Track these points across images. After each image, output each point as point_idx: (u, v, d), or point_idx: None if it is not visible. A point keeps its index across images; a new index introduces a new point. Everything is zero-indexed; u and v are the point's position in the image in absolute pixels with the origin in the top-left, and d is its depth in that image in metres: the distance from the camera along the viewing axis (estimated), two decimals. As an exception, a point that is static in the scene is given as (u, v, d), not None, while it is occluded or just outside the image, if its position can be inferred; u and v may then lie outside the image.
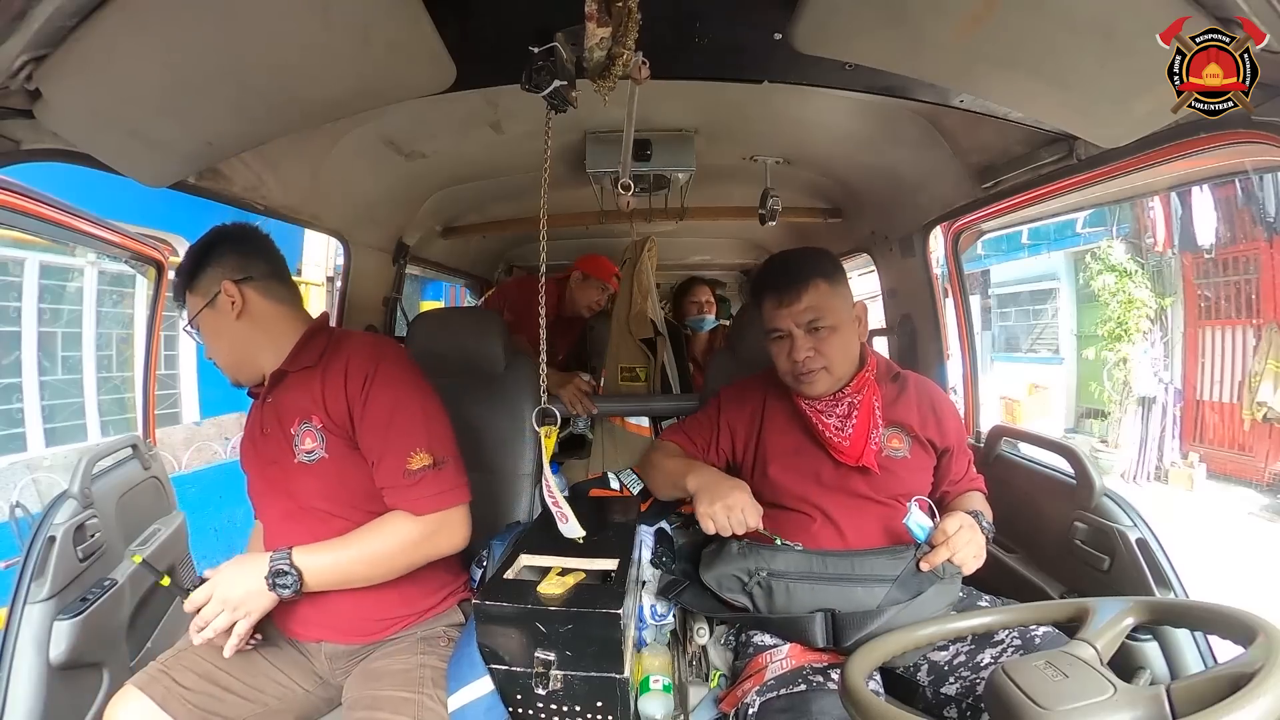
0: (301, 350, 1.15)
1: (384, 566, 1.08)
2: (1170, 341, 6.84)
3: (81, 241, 1.44)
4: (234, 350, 1.17)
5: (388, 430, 1.08)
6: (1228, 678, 0.60)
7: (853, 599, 1.11)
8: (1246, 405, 6.00)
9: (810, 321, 1.24)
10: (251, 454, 1.21)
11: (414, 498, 1.07)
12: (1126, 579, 1.15)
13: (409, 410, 1.10)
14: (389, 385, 1.10)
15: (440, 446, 1.10)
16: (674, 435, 1.45)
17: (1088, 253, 7.14)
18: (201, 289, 1.15)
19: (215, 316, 1.14)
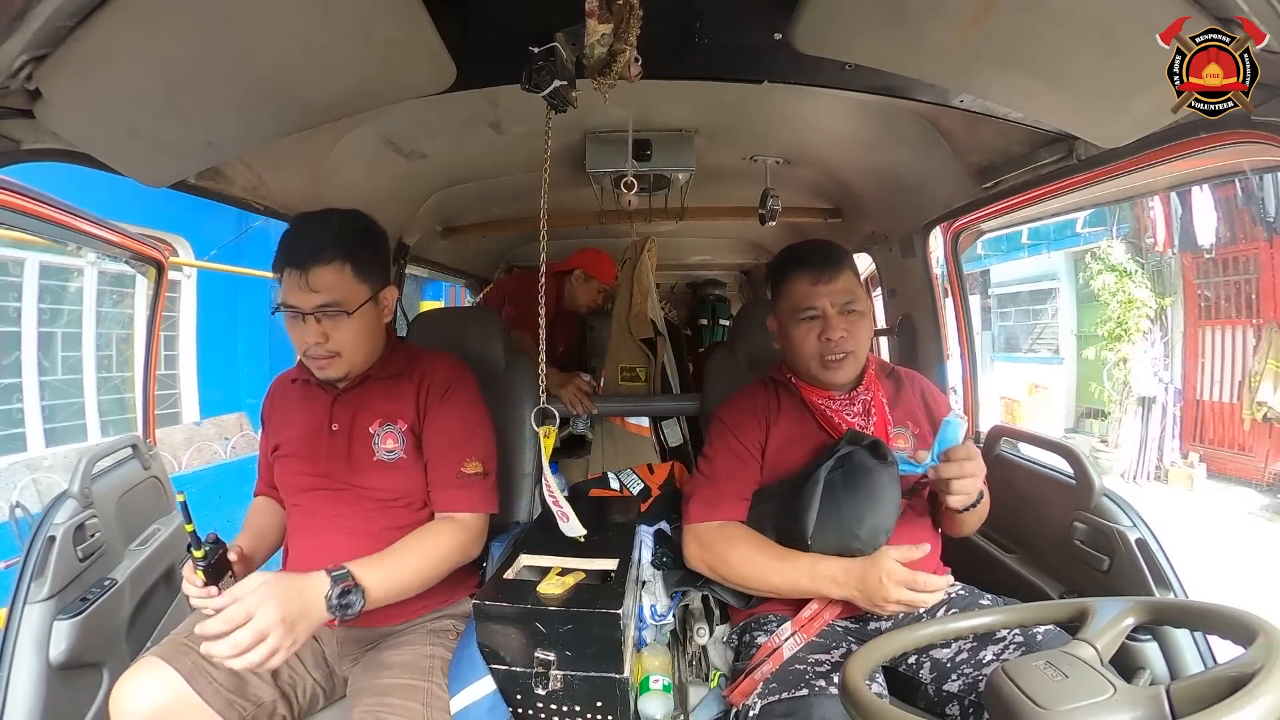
0: (389, 360, 1.24)
1: (431, 574, 1.11)
2: (1170, 341, 6.84)
3: (81, 241, 1.44)
4: (367, 351, 1.19)
5: (453, 435, 1.20)
6: (1228, 678, 0.60)
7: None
8: (1246, 405, 6.00)
9: (846, 303, 1.23)
10: (303, 445, 1.22)
11: (461, 497, 1.18)
12: (1126, 579, 1.15)
13: (475, 423, 1.24)
14: (463, 398, 1.23)
15: (489, 461, 1.22)
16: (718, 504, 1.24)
17: (1088, 253, 7.15)
18: (372, 281, 1.16)
19: (374, 314, 1.18)
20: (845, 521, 1.11)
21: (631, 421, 2.20)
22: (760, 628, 1.21)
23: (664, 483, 1.90)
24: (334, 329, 1.11)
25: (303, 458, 1.21)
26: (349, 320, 1.12)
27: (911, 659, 1.15)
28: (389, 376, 1.22)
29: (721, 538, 1.21)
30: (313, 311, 1.10)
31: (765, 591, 1.19)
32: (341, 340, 1.13)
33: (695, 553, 1.24)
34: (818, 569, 1.11)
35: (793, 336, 1.26)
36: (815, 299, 1.23)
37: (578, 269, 2.49)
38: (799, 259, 1.27)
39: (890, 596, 1.05)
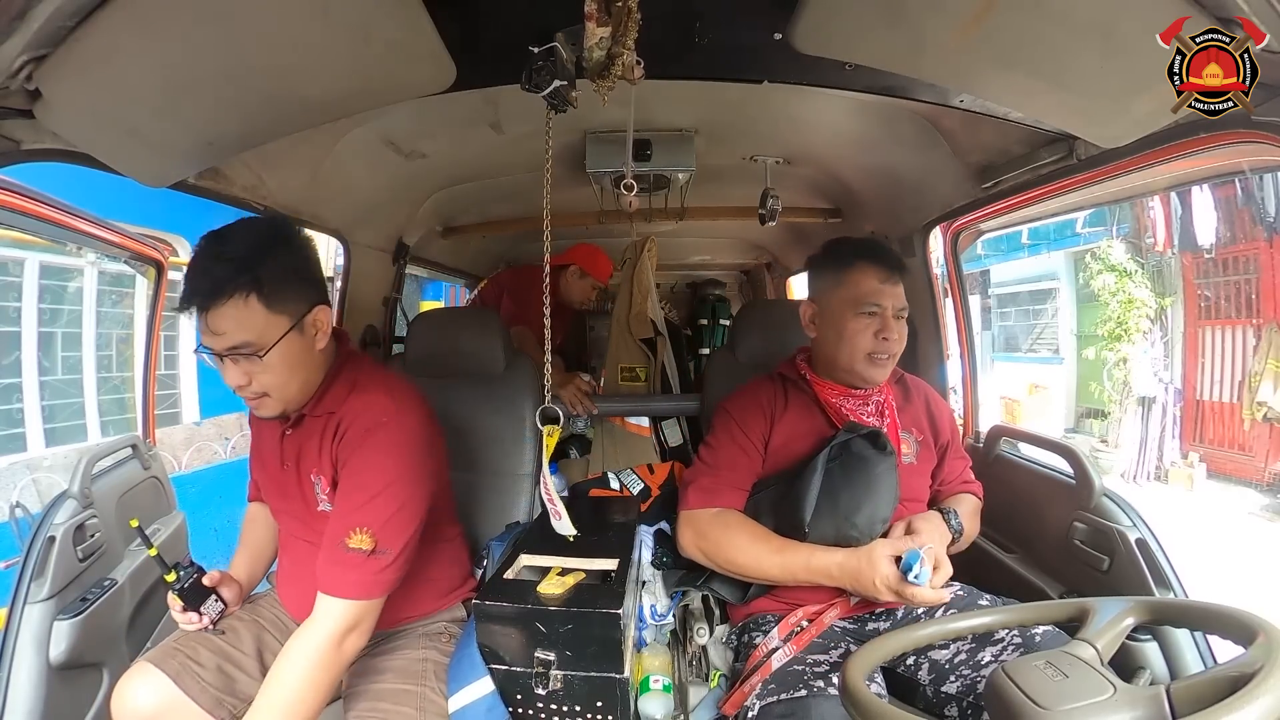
0: (325, 394, 1.07)
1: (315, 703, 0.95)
2: (1170, 341, 6.84)
3: (81, 241, 1.44)
4: (300, 385, 1.04)
5: (348, 498, 1.00)
6: (1228, 678, 0.60)
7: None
8: (1246, 405, 6.00)
9: (901, 308, 1.23)
10: (266, 477, 1.18)
11: (332, 576, 0.97)
12: (1126, 579, 1.15)
13: (377, 491, 0.99)
14: (371, 455, 1.01)
15: (390, 537, 0.99)
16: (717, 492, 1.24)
17: (1088, 253, 7.15)
18: (291, 306, 0.98)
19: (300, 343, 1.00)
20: (842, 510, 1.12)
21: (631, 421, 2.20)
22: (758, 628, 1.22)
23: (664, 483, 1.89)
24: (254, 369, 0.97)
25: (267, 488, 1.19)
26: (268, 359, 0.97)
27: (910, 660, 1.15)
28: (324, 414, 1.06)
29: (718, 524, 1.21)
30: (225, 354, 0.96)
31: (761, 580, 1.19)
32: (266, 381, 0.99)
33: (690, 539, 1.23)
34: (814, 560, 1.11)
35: (846, 328, 1.22)
36: (881, 297, 1.21)
37: (574, 264, 2.49)
38: (871, 253, 1.24)
39: (883, 598, 1.06)
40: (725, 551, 1.19)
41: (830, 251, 1.29)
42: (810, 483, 1.13)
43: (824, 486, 1.13)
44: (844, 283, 1.23)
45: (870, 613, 1.23)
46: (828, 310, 1.26)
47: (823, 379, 1.30)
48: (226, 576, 1.16)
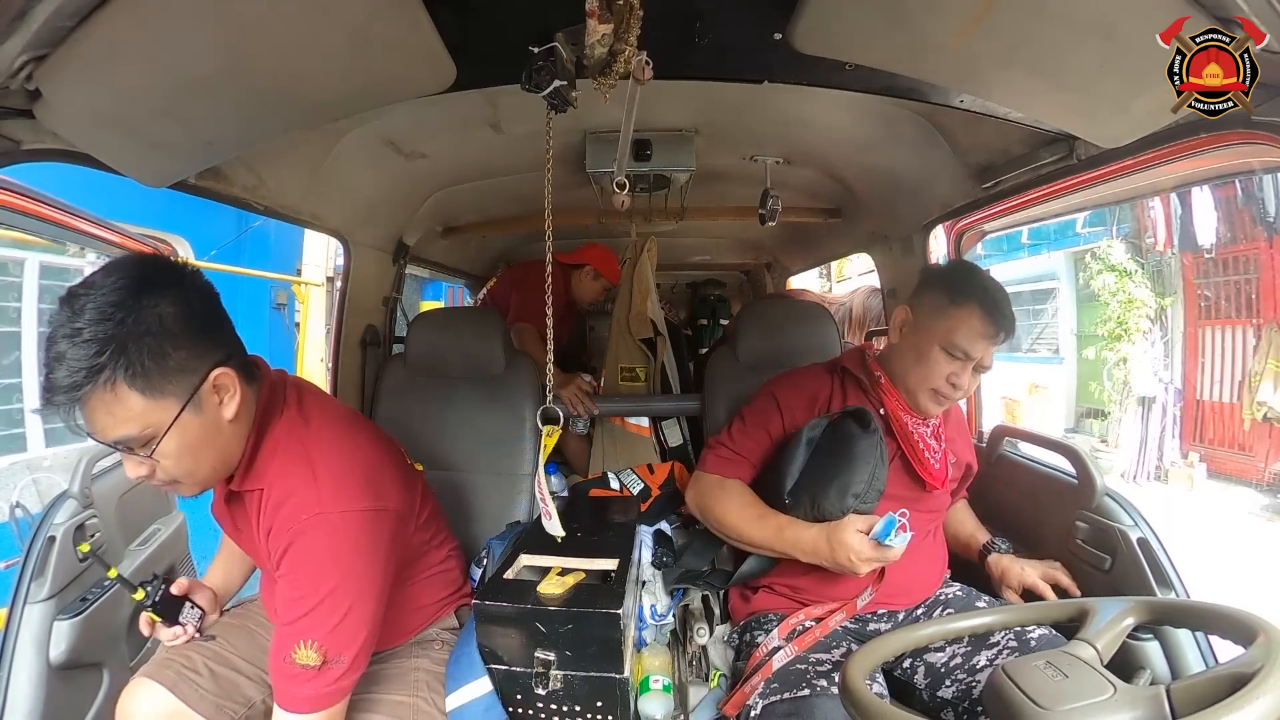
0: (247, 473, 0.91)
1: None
2: (1170, 341, 6.84)
3: (81, 241, 1.44)
4: (214, 462, 0.88)
5: (287, 608, 0.88)
6: (1228, 678, 0.60)
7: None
8: (1246, 405, 6.00)
9: (987, 366, 1.22)
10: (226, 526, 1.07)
11: (286, 690, 0.88)
12: (1128, 579, 1.15)
13: (320, 599, 0.86)
14: (306, 561, 0.87)
15: (340, 644, 0.87)
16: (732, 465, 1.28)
17: (1088, 252, 7.15)
18: (172, 384, 0.79)
19: (201, 422, 0.83)
20: (820, 483, 1.14)
21: (631, 421, 2.19)
22: (760, 627, 1.22)
23: (664, 483, 1.90)
24: (154, 459, 0.82)
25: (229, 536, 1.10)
26: (163, 449, 0.81)
27: (906, 663, 1.16)
28: (255, 489, 0.92)
29: (719, 488, 1.28)
30: (114, 446, 0.81)
31: (743, 541, 1.23)
32: (170, 469, 0.84)
33: (693, 495, 1.32)
34: (785, 532, 1.15)
35: (928, 357, 1.19)
36: (975, 349, 1.17)
37: (588, 265, 2.50)
38: (990, 303, 1.17)
39: (859, 571, 1.06)
40: (715, 511, 1.26)
41: (952, 276, 1.24)
42: (793, 455, 1.18)
43: (809, 462, 1.17)
44: (950, 315, 1.18)
45: (873, 613, 1.23)
46: (921, 330, 1.22)
47: (895, 389, 1.27)
48: (196, 583, 1.14)
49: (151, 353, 0.76)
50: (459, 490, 1.66)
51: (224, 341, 0.86)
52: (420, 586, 1.14)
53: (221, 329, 0.87)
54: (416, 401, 1.76)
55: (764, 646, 1.14)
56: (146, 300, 0.77)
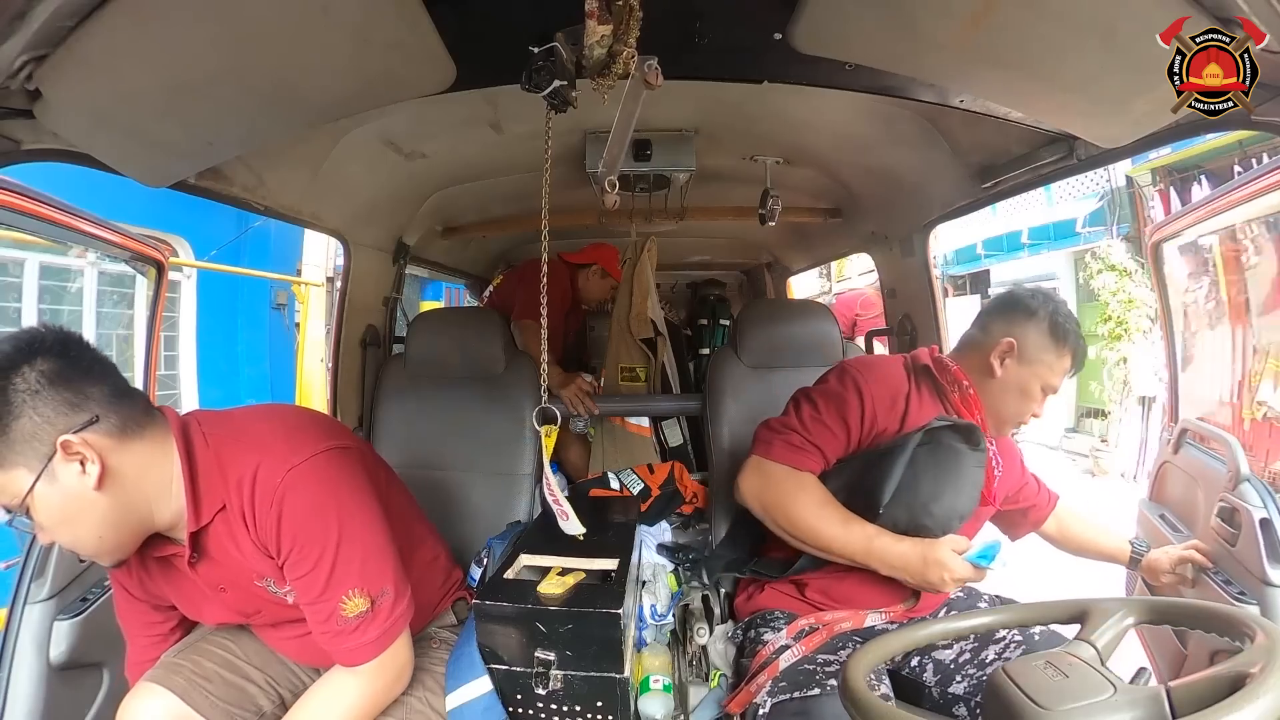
0: (201, 499, 0.88)
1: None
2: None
3: (81, 241, 1.44)
4: (111, 531, 0.84)
5: (313, 576, 0.89)
6: (1228, 678, 0.60)
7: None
8: (1246, 404, 6.00)
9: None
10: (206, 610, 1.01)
11: (350, 648, 0.91)
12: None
13: (336, 546, 0.89)
14: (303, 525, 0.88)
15: (376, 578, 0.92)
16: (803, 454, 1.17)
17: (1088, 252, 7.14)
18: (17, 457, 0.76)
19: (63, 492, 0.78)
20: (922, 498, 1.09)
21: (631, 421, 2.20)
22: (766, 624, 1.21)
23: (664, 483, 1.90)
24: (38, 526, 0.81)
25: (217, 618, 1.04)
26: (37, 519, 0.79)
27: (914, 662, 1.15)
28: (215, 517, 0.89)
29: (792, 480, 1.15)
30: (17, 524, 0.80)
31: (814, 545, 1.14)
32: (61, 539, 0.84)
33: (756, 485, 1.17)
34: (877, 541, 1.09)
35: (1031, 393, 1.21)
36: (1058, 385, 1.23)
37: (596, 264, 2.50)
38: (1081, 350, 1.22)
39: (946, 590, 1.06)
40: (789, 508, 1.13)
41: (1057, 315, 1.22)
42: (894, 465, 1.09)
43: (906, 473, 1.09)
44: (1052, 359, 1.19)
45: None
46: (1025, 366, 1.20)
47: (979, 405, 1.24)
48: None
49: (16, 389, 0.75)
50: (459, 490, 1.66)
51: (86, 405, 0.80)
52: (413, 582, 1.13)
53: (83, 392, 0.80)
54: (416, 401, 1.76)
55: (771, 645, 1.13)
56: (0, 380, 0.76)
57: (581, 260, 2.52)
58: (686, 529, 1.82)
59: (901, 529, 1.09)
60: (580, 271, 2.53)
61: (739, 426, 1.68)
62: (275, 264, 5.58)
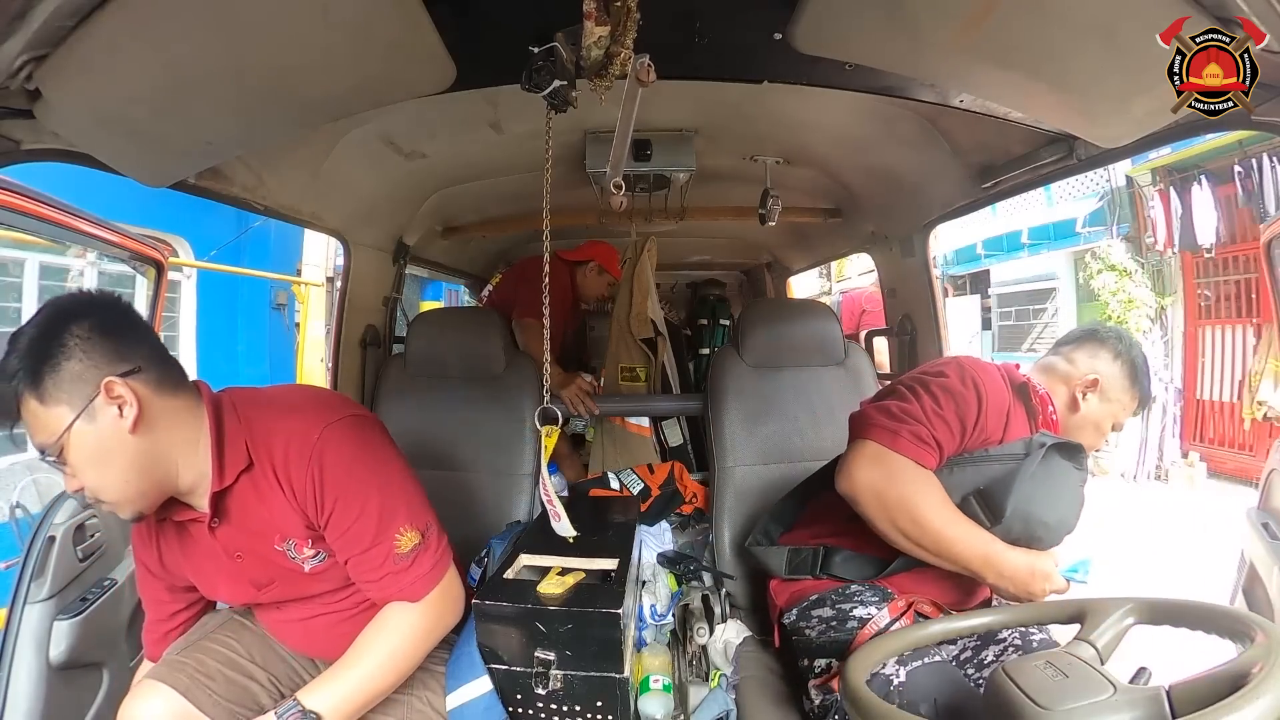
0: (226, 460, 0.93)
1: (403, 669, 0.98)
2: (1170, 341, 6.84)
3: (81, 241, 1.44)
4: (137, 477, 0.88)
5: (364, 520, 0.93)
6: (1227, 678, 0.60)
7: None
8: (1247, 404, 5.99)
9: None
10: (223, 583, 1.03)
11: (410, 582, 0.96)
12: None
13: (381, 490, 0.95)
14: (347, 476, 0.93)
15: (420, 514, 0.98)
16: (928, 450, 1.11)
17: (1088, 252, 7.15)
18: (64, 394, 0.83)
19: (99, 433, 0.85)
20: (1038, 510, 1.09)
21: (631, 421, 2.20)
22: (853, 599, 1.15)
23: (664, 483, 1.90)
24: (73, 471, 0.87)
25: (232, 594, 1.06)
26: (70, 460, 0.86)
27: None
28: (241, 477, 0.94)
29: (918, 476, 1.09)
30: (42, 457, 0.87)
31: (932, 547, 1.09)
32: (88, 482, 0.88)
33: (874, 475, 1.09)
34: (992, 546, 1.08)
35: (1100, 425, 1.25)
36: (1121, 428, 1.27)
37: (593, 261, 2.50)
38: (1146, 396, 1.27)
39: (1038, 599, 1.07)
40: (917, 507, 1.07)
41: (1137, 358, 1.25)
42: (1021, 474, 1.09)
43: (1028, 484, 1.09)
44: (1127, 400, 1.24)
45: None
46: (1104, 404, 1.24)
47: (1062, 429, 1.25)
48: None
49: (50, 366, 0.83)
50: (459, 490, 1.66)
51: (131, 357, 0.88)
52: None
53: (130, 345, 0.89)
54: (416, 401, 1.76)
55: (874, 623, 1.10)
56: (56, 326, 0.85)
57: (578, 257, 2.52)
58: (686, 529, 1.82)
59: (1013, 539, 1.09)
60: (577, 269, 2.52)
61: (741, 426, 1.68)
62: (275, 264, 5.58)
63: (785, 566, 1.24)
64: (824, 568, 1.21)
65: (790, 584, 1.24)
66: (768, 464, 1.66)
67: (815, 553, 1.22)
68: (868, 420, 1.13)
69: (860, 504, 1.10)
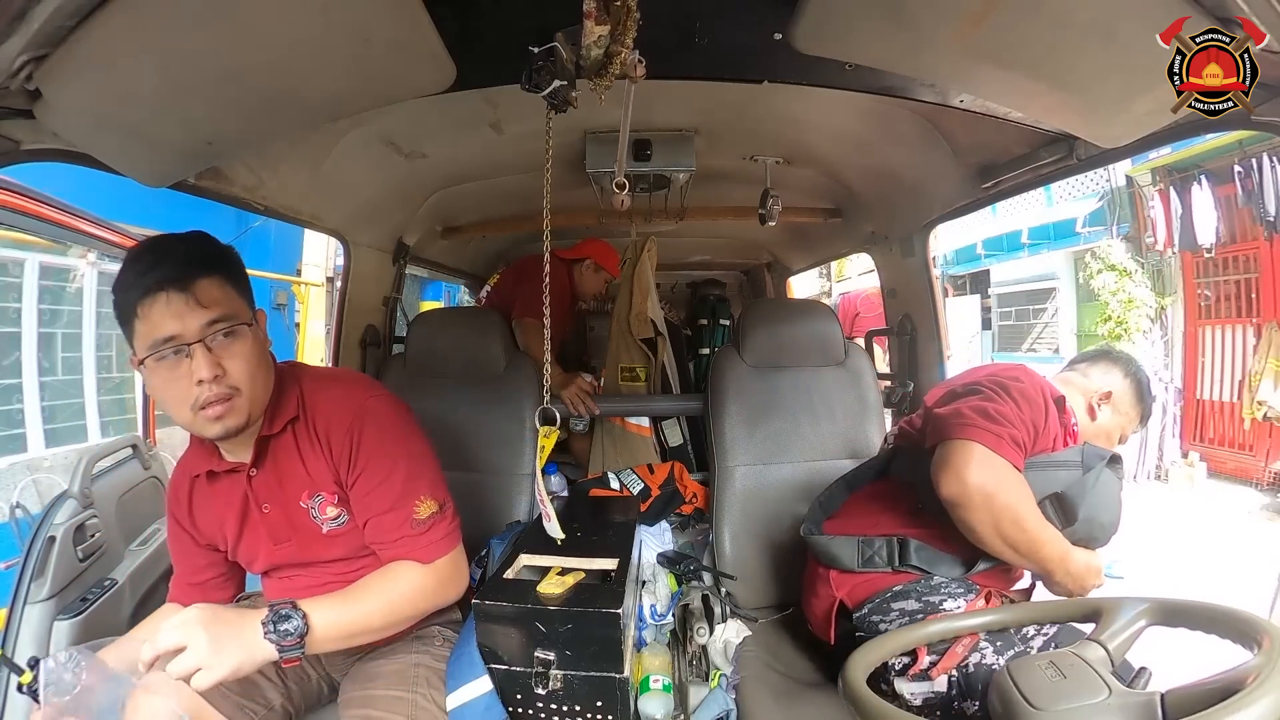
0: (278, 405, 1.02)
1: (398, 616, 1.01)
2: (1170, 340, 6.84)
3: (81, 241, 1.44)
4: (263, 386, 0.98)
5: (389, 483, 1.02)
6: (1222, 685, 0.60)
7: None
8: (1246, 404, 5.99)
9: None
10: (245, 539, 1.08)
11: (423, 545, 1.02)
12: None
13: (410, 458, 1.05)
14: (380, 436, 1.03)
15: (439, 490, 1.07)
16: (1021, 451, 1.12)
17: (1088, 252, 7.15)
18: (247, 299, 0.98)
19: (258, 340, 0.98)
20: (1099, 514, 1.16)
21: (631, 421, 2.20)
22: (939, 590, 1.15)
23: (664, 483, 1.90)
24: (229, 355, 0.92)
25: (250, 547, 1.09)
26: (247, 342, 0.94)
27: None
28: (286, 428, 1.03)
29: (1020, 480, 1.10)
30: (201, 337, 0.90)
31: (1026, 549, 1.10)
32: (238, 371, 0.93)
33: (983, 476, 1.06)
34: (1066, 546, 1.14)
35: (1110, 435, 1.34)
36: (1126, 441, 1.37)
37: (589, 259, 2.50)
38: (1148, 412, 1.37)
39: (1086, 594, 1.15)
40: (1020, 509, 1.08)
41: (1143, 381, 1.36)
42: (1091, 480, 1.15)
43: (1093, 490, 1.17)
44: (1134, 414, 1.35)
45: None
46: (1116, 415, 1.33)
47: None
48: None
49: (239, 271, 0.98)
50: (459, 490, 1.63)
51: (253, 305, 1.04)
52: None
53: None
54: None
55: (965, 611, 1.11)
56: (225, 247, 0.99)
57: (574, 255, 2.52)
58: (686, 529, 1.82)
59: (1076, 540, 1.16)
60: (574, 267, 2.52)
61: (741, 426, 1.68)
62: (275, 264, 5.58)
63: (858, 559, 1.20)
64: (902, 559, 1.18)
65: (854, 576, 1.19)
66: (768, 464, 1.66)
67: (890, 544, 1.19)
68: (968, 421, 1.11)
69: (967, 507, 1.07)
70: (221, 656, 0.82)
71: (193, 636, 0.81)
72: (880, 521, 1.24)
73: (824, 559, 1.23)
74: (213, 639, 0.82)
